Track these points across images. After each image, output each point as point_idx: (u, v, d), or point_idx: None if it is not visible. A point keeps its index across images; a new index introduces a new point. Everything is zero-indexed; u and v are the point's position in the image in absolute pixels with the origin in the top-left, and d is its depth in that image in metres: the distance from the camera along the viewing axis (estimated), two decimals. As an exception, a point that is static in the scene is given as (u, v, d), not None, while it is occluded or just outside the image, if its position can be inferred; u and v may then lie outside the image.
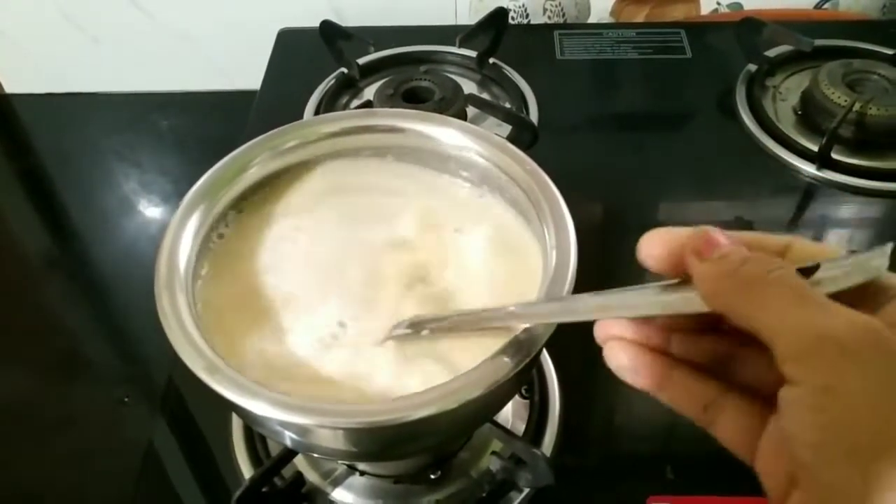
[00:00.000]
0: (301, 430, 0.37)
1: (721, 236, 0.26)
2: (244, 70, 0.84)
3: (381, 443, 0.37)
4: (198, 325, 0.36)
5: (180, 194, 0.41)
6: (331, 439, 0.36)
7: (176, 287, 0.37)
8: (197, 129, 0.93)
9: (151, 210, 0.85)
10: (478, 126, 0.48)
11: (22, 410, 0.68)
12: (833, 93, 0.71)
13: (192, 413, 0.55)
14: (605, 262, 0.62)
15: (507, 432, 0.46)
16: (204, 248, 0.41)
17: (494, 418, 0.47)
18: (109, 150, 0.92)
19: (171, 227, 0.40)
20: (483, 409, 0.38)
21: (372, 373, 0.37)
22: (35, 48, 0.95)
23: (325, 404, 0.35)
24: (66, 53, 0.95)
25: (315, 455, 0.48)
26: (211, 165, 0.43)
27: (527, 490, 0.48)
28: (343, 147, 0.47)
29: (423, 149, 0.46)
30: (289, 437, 0.38)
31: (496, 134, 0.45)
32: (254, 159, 0.43)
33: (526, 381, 0.51)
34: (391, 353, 0.38)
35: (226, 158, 0.43)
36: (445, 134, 0.45)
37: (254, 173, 0.43)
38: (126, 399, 0.68)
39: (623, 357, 0.29)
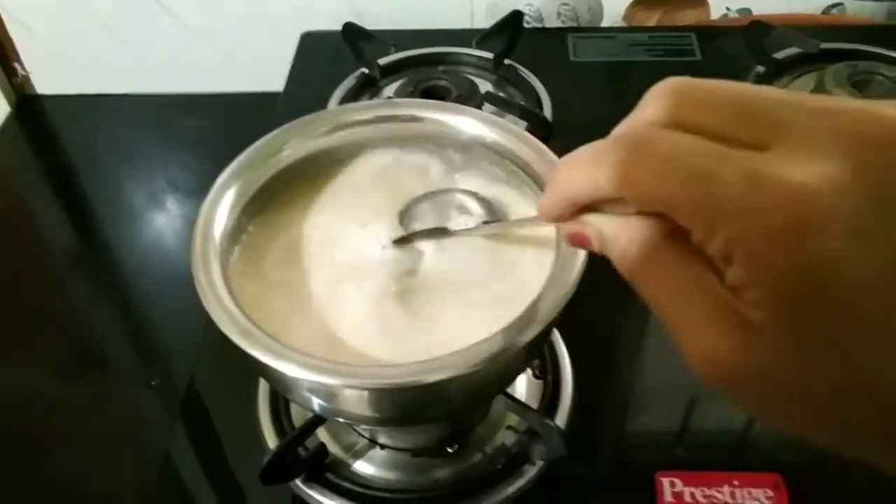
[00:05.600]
0: (329, 394, 0.39)
1: None
2: (267, 72, 0.87)
3: (402, 405, 0.40)
4: (231, 293, 0.39)
5: (205, 192, 0.43)
6: (356, 402, 0.39)
7: (210, 257, 0.40)
8: (221, 129, 0.95)
9: (177, 207, 0.88)
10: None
11: (52, 397, 0.70)
12: (839, 94, 0.73)
13: (217, 395, 0.58)
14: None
15: (522, 405, 0.48)
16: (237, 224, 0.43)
17: (509, 392, 0.49)
18: (136, 149, 0.95)
19: (206, 203, 0.42)
20: (498, 374, 0.41)
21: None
22: (66, 50, 0.98)
23: (351, 367, 0.37)
24: (97, 55, 0.98)
25: (341, 420, 0.50)
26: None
27: (539, 464, 0.50)
28: (369, 137, 0.49)
29: (443, 136, 0.49)
30: (316, 402, 0.40)
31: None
32: (286, 143, 0.46)
33: (538, 353, 0.53)
34: None
35: (259, 141, 0.46)
36: (463, 122, 0.48)
37: (286, 156, 0.46)
38: (153, 383, 0.70)
39: None
